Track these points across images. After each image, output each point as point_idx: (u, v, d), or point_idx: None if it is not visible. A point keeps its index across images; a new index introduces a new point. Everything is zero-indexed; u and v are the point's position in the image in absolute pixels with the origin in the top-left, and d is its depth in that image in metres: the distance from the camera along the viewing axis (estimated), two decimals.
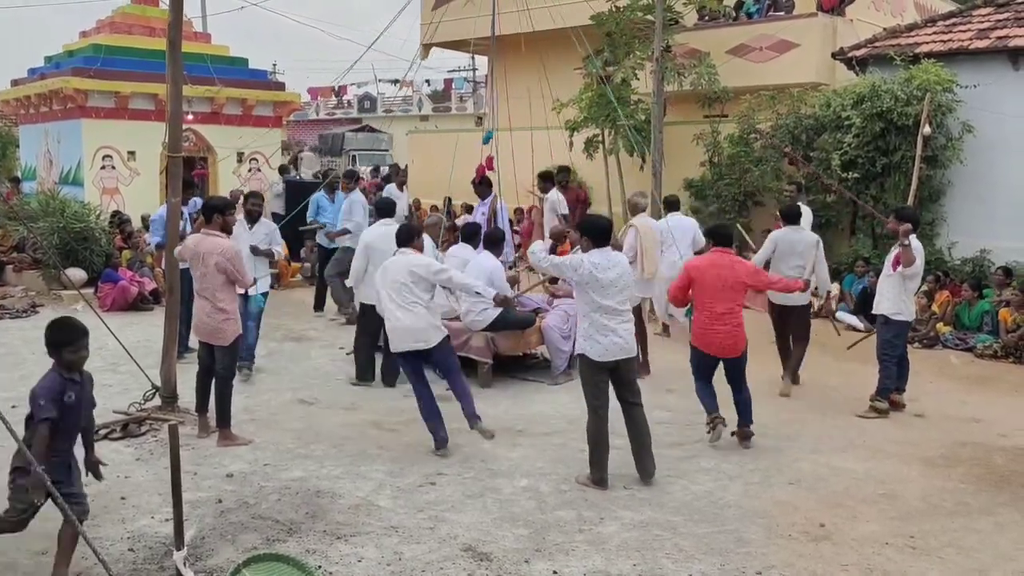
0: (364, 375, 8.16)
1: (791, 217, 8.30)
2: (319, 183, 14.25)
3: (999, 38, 11.71)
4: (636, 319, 7.03)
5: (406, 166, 18.58)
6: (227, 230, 6.62)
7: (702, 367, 6.61)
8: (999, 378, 8.85)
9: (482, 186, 11.11)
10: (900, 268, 7.16)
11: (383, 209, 8.52)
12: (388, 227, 7.95)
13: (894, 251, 7.31)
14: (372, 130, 39.29)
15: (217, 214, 6.51)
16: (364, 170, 29.64)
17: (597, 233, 5.74)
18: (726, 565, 4.55)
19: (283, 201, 15.53)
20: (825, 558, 4.65)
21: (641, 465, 5.74)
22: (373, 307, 7.90)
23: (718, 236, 6.74)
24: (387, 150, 33.94)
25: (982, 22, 12.44)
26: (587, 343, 5.64)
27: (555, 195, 10.74)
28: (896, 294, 7.28)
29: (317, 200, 11.44)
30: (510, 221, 12.70)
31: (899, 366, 7.55)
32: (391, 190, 13.29)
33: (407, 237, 6.61)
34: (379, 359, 8.24)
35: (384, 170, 22.60)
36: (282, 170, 16.53)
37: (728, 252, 6.63)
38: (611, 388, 5.76)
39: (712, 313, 6.41)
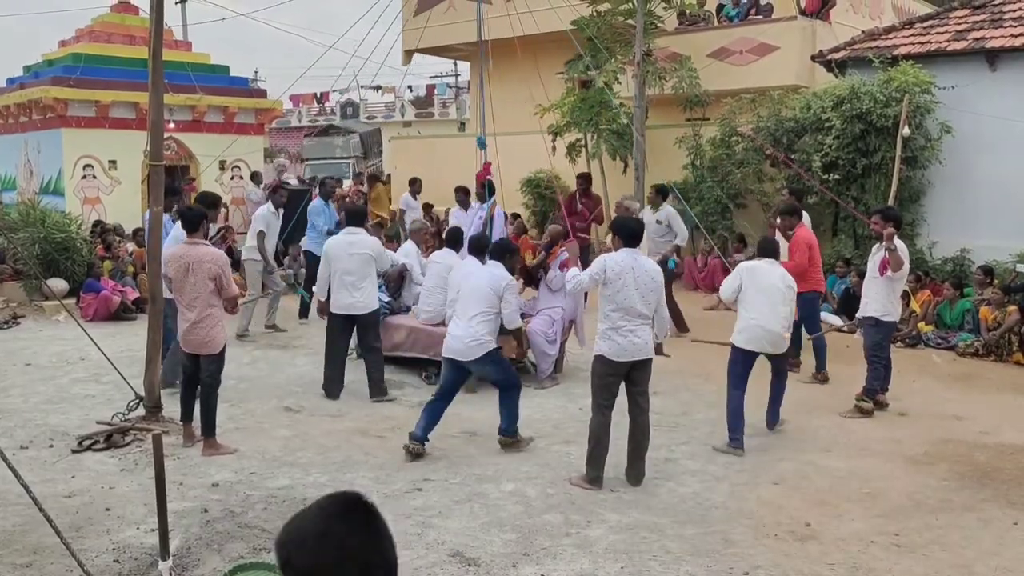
0: (332, 389, 7.86)
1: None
2: (305, 190, 14.14)
3: (976, 39, 11.84)
4: None
5: (330, 177, 16.84)
6: (208, 237, 6.64)
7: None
8: (981, 376, 8.93)
9: (484, 190, 11.09)
10: (889, 272, 7.21)
11: (352, 216, 8.35)
12: (352, 236, 7.86)
13: (878, 254, 7.34)
14: (340, 132, 31.14)
15: (204, 221, 6.49)
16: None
17: (627, 233, 5.82)
18: (713, 566, 4.56)
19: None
20: (811, 557, 4.67)
21: (632, 470, 5.77)
22: (342, 316, 7.81)
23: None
24: (346, 157, 26.73)
25: (959, 24, 12.57)
26: (605, 342, 5.68)
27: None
28: (884, 296, 7.32)
29: (321, 209, 11.34)
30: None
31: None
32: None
33: None
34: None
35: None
36: (255, 177, 16.33)
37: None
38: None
39: None
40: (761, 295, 6.66)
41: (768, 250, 7.06)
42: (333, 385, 7.88)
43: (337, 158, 27.30)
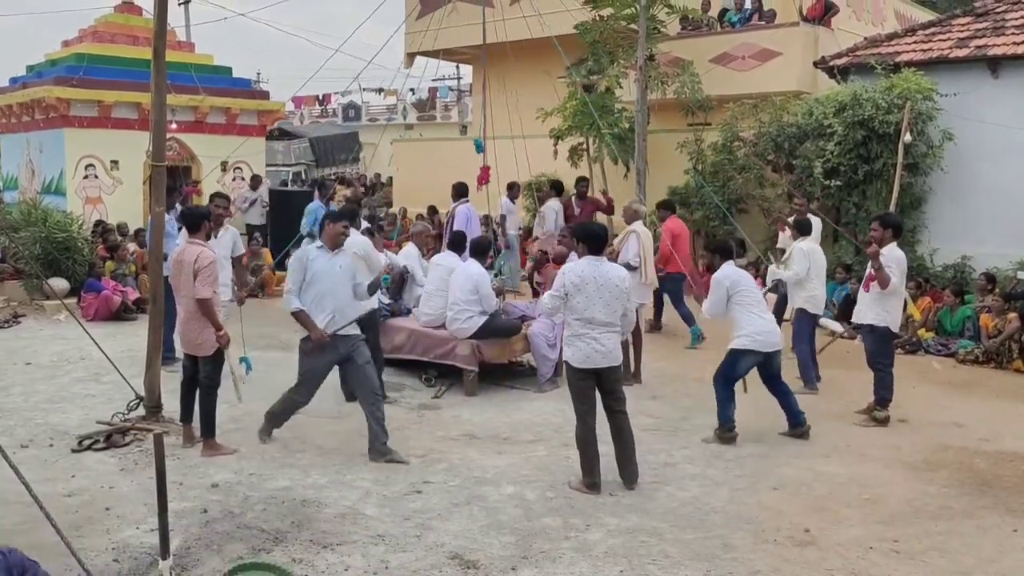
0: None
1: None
2: (305, 192, 14.13)
3: (978, 47, 11.86)
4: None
5: (331, 179, 16.00)
6: (209, 237, 6.66)
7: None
8: (981, 383, 8.93)
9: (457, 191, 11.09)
10: (875, 289, 7.20)
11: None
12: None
13: (870, 269, 7.36)
14: (287, 137, 27.60)
15: (206, 222, 6.51)
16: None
17: (590, 239, 5.79)
18: (712, 571, 4.56)
19: (261, 211, 15.50)
20: (811, 563, 4.67)
21: (624, 472, 5.78)
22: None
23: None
24: (287, 164, 23.22)
25: (961, 31, 12.58)
26: (569, 349, 5.73)
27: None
28: (878, 304, 7.29)
29: (316, 211, 11.30)
30: (493, 230, 12.66)
31: None
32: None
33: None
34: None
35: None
36: (254, 180, 16.26)
37: None
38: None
39: None
40: (819, 273, 8.49)
41: (806, 228, 8.83)
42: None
43: (278, 165, 23.96)
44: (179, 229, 8.30)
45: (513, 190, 13.76)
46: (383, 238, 9.54)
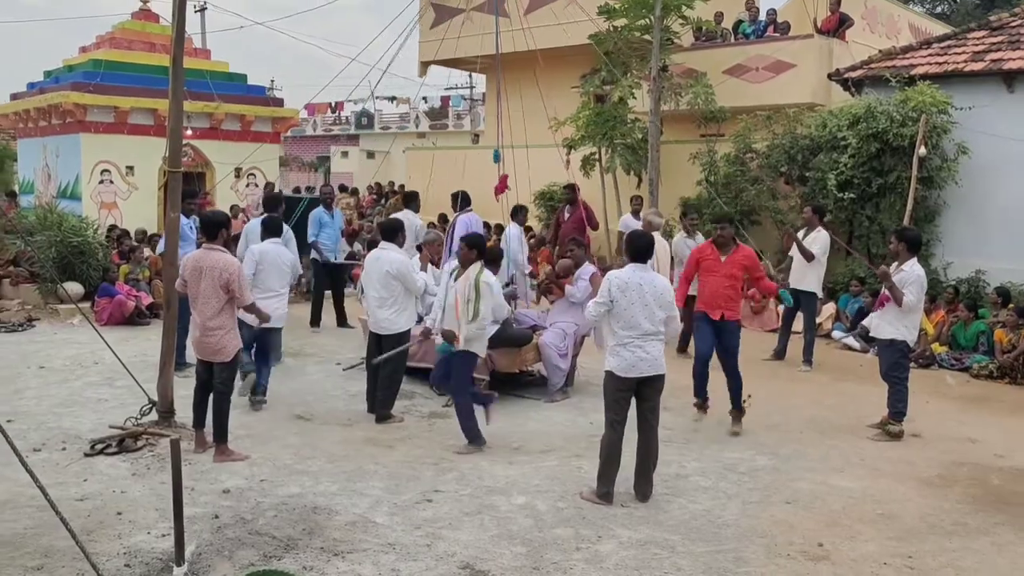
0: (369, 401, 7.72)
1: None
2: (309, 199, 14.11)
3: (993, 60, 11.82)
4: None
5: (327, 186, 15.77)
6: (228, 245, 6.66)
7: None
8: (995, 398, 8.87)
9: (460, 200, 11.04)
10: (890, 307, 7.18)
11: (382, 230, 8.29)
12: (380, 251, 7.68)
13: (884, 290, 7.34)
14: None
15: (224, 229, 6.53)
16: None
17: (633, 250, 5.83)
18: None
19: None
20: None
21: (638, 487, 5.76)
22: (373, 332, 7.66)
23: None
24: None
25: (977, 45, 12.54)
26: (613, 358, 5.69)
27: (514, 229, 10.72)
28: (897, 319, 7.26)
29: (319, 217, 11.34)
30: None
31: None
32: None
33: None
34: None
35: None
36: (267, 188, 16.24)
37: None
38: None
39: None
40: None
41: None
42: (369, 398, 7.72)
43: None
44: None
45: (635, 203, 12.85)
46: (427, 256, 9.41)
